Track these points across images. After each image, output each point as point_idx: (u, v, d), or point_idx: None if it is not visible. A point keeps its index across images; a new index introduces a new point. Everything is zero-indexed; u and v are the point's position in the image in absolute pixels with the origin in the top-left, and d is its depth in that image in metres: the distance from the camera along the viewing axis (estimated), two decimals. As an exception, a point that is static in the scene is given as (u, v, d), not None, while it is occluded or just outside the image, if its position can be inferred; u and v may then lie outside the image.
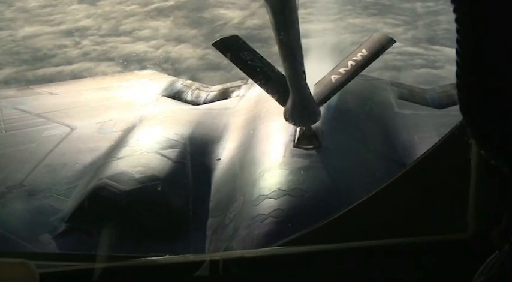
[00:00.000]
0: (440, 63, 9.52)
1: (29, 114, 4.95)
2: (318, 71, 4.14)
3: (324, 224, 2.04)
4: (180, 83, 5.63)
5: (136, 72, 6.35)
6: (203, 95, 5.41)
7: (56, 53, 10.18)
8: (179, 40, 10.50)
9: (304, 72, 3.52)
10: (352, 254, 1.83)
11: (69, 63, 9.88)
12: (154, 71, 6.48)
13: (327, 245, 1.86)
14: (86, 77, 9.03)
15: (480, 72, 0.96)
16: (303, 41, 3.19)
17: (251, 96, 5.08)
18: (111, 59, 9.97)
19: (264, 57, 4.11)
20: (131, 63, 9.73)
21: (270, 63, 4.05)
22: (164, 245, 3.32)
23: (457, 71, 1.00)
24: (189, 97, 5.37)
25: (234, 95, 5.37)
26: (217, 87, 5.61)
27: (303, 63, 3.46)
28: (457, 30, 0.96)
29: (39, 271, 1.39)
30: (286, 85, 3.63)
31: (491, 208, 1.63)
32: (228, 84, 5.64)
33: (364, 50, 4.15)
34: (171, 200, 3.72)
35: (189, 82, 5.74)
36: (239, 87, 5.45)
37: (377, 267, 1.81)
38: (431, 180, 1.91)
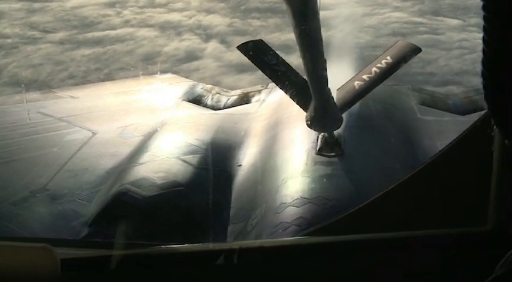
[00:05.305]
0: (441, 30, 10.84)
1: (51, 118, 4.99)
2: (335, 38, 4.14)
3: (344, 216, 2.05)
4: (200, 87, 5.63)
5: (156, 76, 6.36)
6: (223, 100, 5.41)
7: (101, 20, 11.67)
8: (209, 11, 11.82)
9: (326, 78, 3.48)
10: (371, 245, 1.82)
11: (113, 28, 11.29)
12: (174, 75, 6.50)
13: (346, 236, 1.86)
14: (129, 40, 10.71)
15: (506, 59, 0.95)
16: (322, 13, 3.19)
17: (271, 101, 5.07)
18: (150, 26, 11.39)
19: (287, 62, 4.08)
20: (168, 29, 11.14)
21: (293, 68, 4.02)
22: None
23: (482, 59, 0.98)
24: (209, 102, 5.38)
25: (254, 99, 5.36)
26: (238, 92, 5.61)
27: (325, 69, 3.42)
28: (484, 17, 0.94)
29: (60, 257, 1.39)
30: (308, 90, 3.60)
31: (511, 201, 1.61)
32: (249, 89, 5.64)
33: (388, 57, 4.10)
34: (192, 206, 3.72)
35: (209, 86, 5.74)
36: (259, 91, 5.44)
37: (396, 259, 1.80)
38: (452, 173, 1.91)
